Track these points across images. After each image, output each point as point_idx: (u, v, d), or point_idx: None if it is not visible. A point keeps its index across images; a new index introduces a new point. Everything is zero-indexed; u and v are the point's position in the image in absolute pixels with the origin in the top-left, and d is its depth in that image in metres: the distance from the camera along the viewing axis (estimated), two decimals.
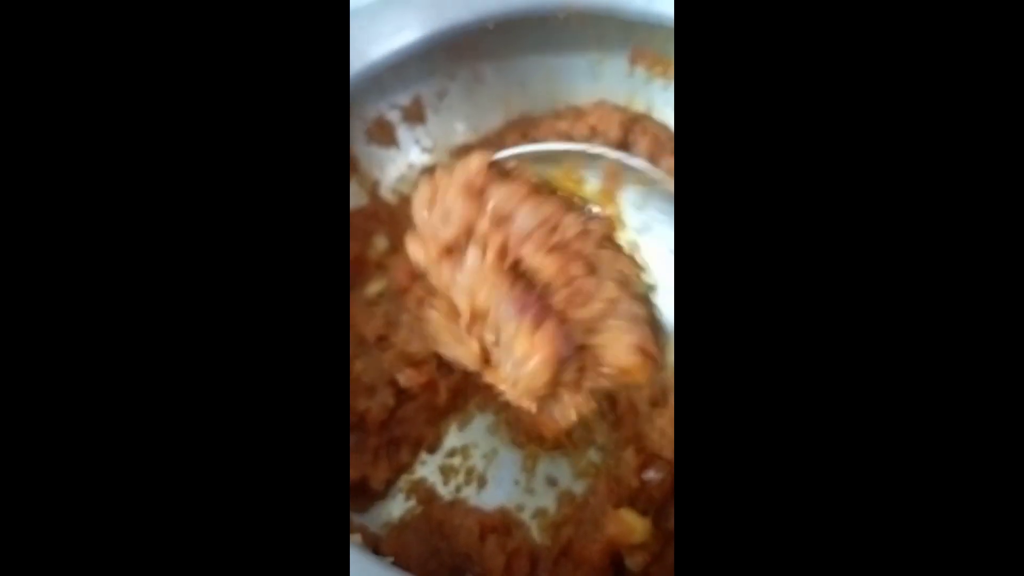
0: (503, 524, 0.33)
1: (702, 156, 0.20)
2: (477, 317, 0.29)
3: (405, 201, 0.41)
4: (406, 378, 0.34)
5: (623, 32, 0.39)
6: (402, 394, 0.35)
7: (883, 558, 0.18)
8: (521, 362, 0.28)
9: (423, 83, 0.41)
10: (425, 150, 0.43)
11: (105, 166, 0.20)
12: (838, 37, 0.20)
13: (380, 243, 0.40)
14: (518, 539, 0.33)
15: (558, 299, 0.29)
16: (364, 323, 0.36)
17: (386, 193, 0.42)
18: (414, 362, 0.35)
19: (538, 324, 0.28)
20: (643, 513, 0.32)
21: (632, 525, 0.31)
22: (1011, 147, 0.19)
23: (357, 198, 0.41)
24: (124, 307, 0.20)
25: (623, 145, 0.40)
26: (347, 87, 0.36)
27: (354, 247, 0.40)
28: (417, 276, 0.37)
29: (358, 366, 0.35)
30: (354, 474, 0.33)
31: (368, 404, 0.34)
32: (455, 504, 0.34)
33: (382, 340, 0.36)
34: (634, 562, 0.31)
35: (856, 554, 0.18)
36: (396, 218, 0.41)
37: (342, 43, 0.22)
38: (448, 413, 0.36)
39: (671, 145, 0.39)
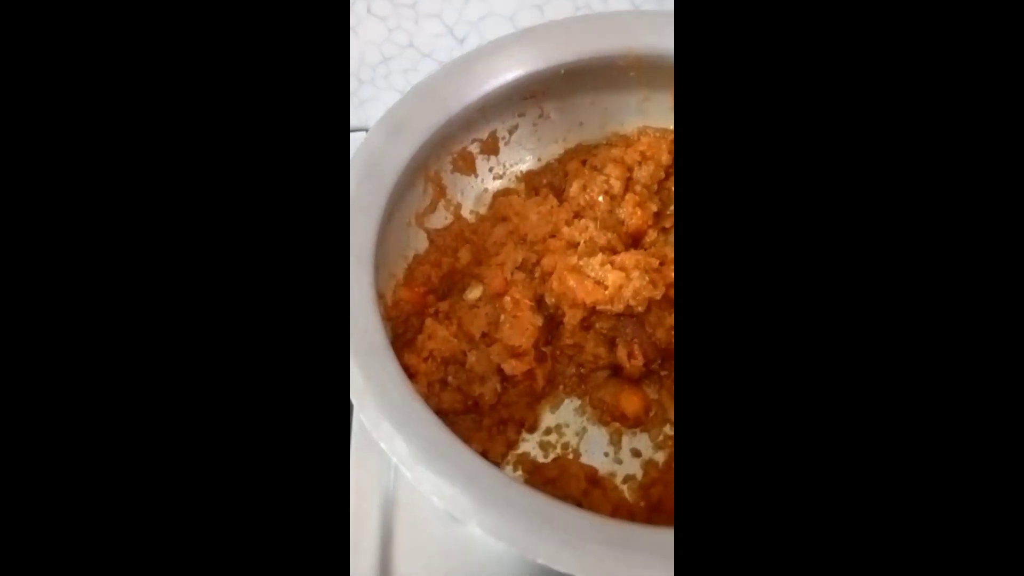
0: (603, 480, 0.38)
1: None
2: None
3: (481, 219, 0.48)
4: (510, 367, 0.40)
5: (670, 74, 0.46)
6: (507, 381, 0.41)
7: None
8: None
9: (499, 120, 0.47)
10: (497, 176, 0.50)
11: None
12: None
13: (464, 255, 0.46)
14: (615, 499, 0.38)
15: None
16: (470, 323, 0.41)
17: (466, 213, 0.48)
18: (516, 354, 0.40)
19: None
20: None
21: None
22: (1011, 146, 0.20)
23: (444, 219, 0.47)
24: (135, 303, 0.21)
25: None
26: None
27: (445, 260, 0.46)
28: (510, 283, 0.43)
29: (471, 358, 0.40)
30: (477, 448, 0.38)
31: (481, 390, 0.40)
32: (561, 460, 0.39)
33: (486, 336, 0.41)
34: None
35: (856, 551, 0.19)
36: (478, 233, 0.47)
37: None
38: (543, 397, 0.42)
39: None
